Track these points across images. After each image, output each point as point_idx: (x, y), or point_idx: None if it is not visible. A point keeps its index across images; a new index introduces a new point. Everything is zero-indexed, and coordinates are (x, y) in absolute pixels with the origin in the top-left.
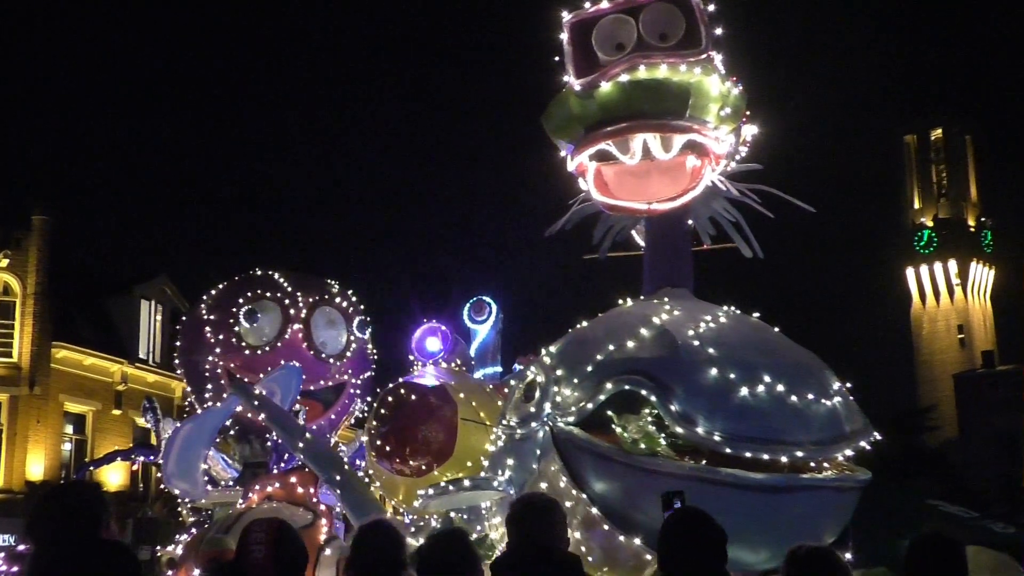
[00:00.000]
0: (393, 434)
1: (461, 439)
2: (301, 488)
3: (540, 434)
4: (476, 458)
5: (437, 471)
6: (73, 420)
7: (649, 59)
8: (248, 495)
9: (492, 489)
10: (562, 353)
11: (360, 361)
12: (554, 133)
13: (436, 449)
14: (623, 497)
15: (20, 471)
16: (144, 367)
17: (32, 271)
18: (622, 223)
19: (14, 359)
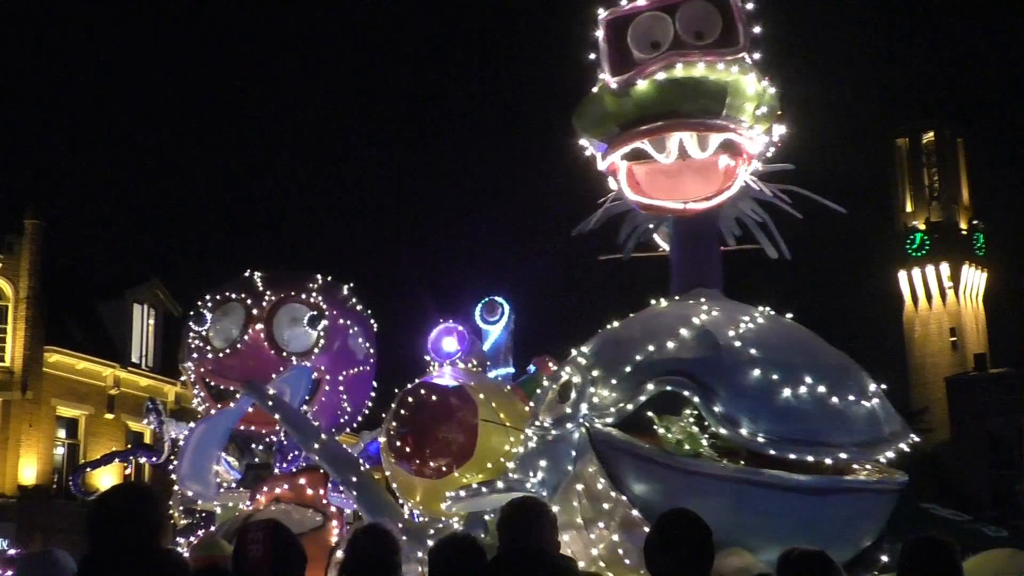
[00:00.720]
0: (413, 435)
1: (481, 440)
2: (311, 490)
3: (575, 435)
4: (496, 459)
5: (457, 472)
6: (65, 424)
7: (686, 57)
8: (255, 497)
9: (524, 491)
10: (598, 353)
11: (340, 357)
12: (586, 131)
13: (457, 450)
14: (664, 499)
15: (12, 475)
16: (136, 371)
17: (24, 275)
18: (647, 224)
19: (6, 363)
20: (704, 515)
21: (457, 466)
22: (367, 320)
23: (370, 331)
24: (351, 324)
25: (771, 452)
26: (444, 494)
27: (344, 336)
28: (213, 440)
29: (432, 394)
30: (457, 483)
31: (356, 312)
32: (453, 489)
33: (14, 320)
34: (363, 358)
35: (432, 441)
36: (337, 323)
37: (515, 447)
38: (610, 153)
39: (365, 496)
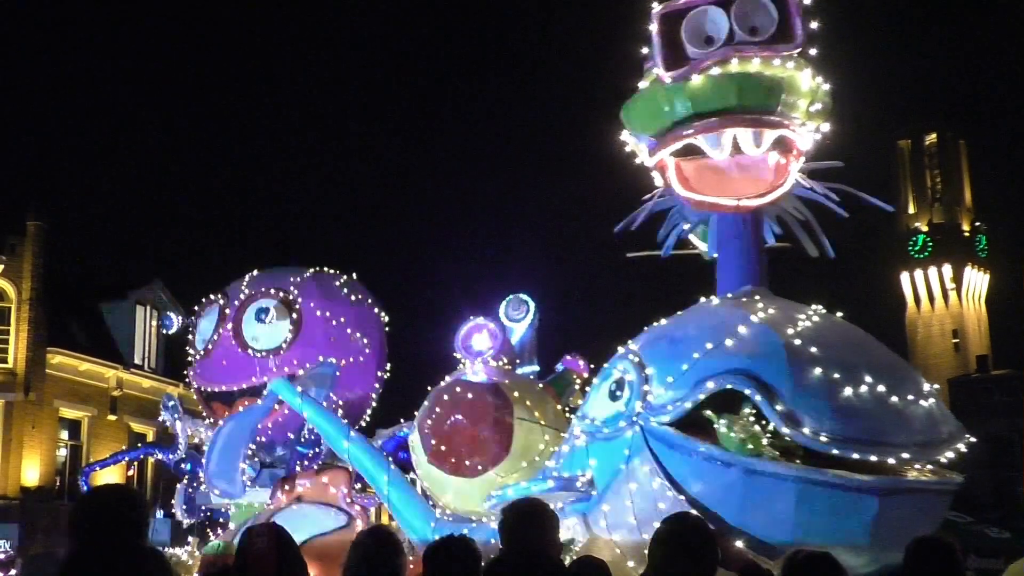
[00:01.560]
0: (449, 433)
1: (517, 439)
2: (333, 488)
3: (628, 433)
4: (531, 458)
5: (492, 471)
6: (68, 426)
7: (742, 52)
8: (276, 495)
9: (575, 490)
10: (652, 350)
11: (318, 349)
12: (636, 126)
13: (492, 449)
14: (723, 498)
15: (15, 477)
16: (139, 372)
17: (27, 277)
18: (688, 221)
19: (9, 365)
20: (765, 515)
21: (492, 465)
22: (364, 310)
23: (368, 322)
24: (335, 315)
25: (834, 452)
26: (477, 493)
27: (323, 328)
28: (240, 438)
29: (468, 392)
30: (492, 482)
31: (346, 303)
32: (488, 487)
33: (17, 321)
34: (355, 349)
35: (468, 440)
36: (314, 315)
37: (549, 446)
38: (660, 149)
39: (395, 495)
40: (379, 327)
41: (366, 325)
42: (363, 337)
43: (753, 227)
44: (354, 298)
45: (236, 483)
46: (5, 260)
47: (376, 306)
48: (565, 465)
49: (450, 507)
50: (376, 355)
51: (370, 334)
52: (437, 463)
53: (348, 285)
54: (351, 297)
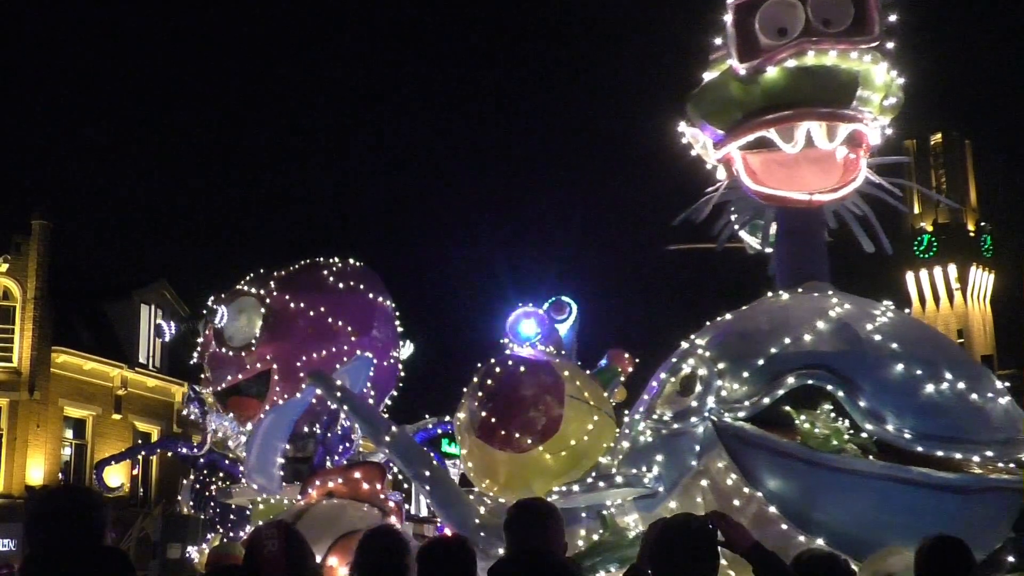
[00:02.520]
0: (500, 407)
1: (567, 417)
2: (367, 484)
3: (700, 429)
4: (580, 438)
5: (542, 448)
6: (73, 425)
7: (818, 45)
8: (307, 491)
9: (642, 486)
10: (723, 345)
11: (286, 343)
12: (706, 118)
13: (544, 424)
14: (803, 496)
15: (20, 476)
16: (144, 372)
17: (32, 276)
18: (741, 215)
19: (14, 364)
20: (846, 512)
21: (542, 441)
22: (353, 298)
23: (358, 309)
24: (313, 306)
25: (918, 449)
26: (526, 474)
27: (299, 321)
28: (278, 432)
29: (521, 364)
30: (540, 459)
31: (329, 292)
32: (536, 467)
33: (21, 320)
34: (339, 339)
35: (520, 412)
36: (287, 309)
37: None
38: (729, 141)
39: (438, 491)
40: (375, 313)
41: (354, 312)
42: (348, 325)
43: (814, 222)
44: (341, 285)
45: (274, 479)
46: (10, 259)
47: (373, 291)
48: (628, 462)
49: (494, 491)
50: (371, 343)
51: (359, 321)
52: (486, 437)
53: (338, 273)
54: (338, 285)
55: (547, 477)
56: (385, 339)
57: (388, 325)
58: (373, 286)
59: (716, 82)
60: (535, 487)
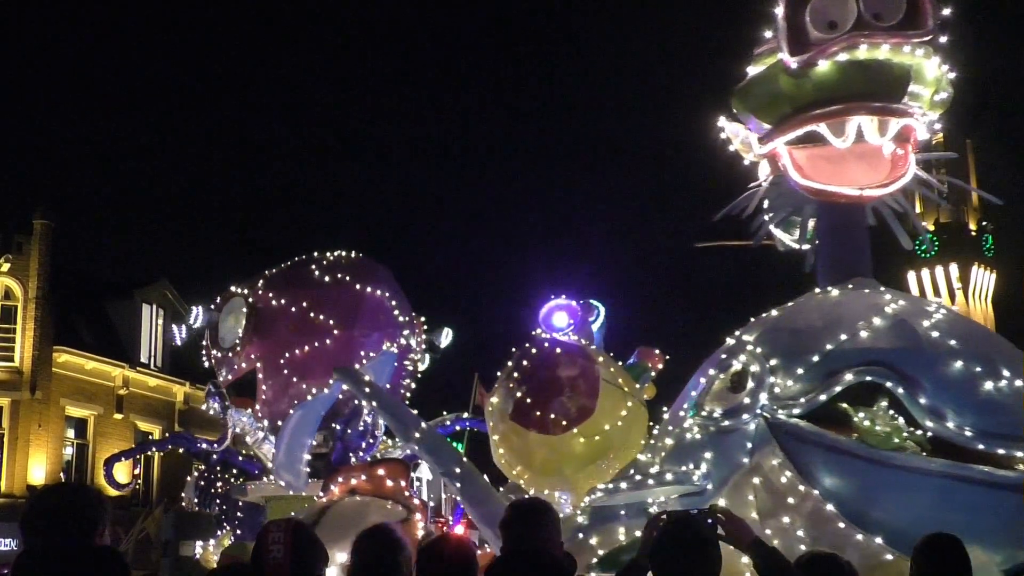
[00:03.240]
0: (537, 387)
1: (602, 400)
2: (391, 481)
3: (751, 426)
4: (614, 423)
5: (576, 430)
6: (74, 424)
7: (871, 38)
8: (329, 488)
9: (691, 483)
10: (775, 342)
11: (268, 341)
12: (753, 111)
13: (580, 406)
14: (861, 494)
15: (22, 475)
16: (145, 371)
17: (33, 275)
18: (783, 211)
19: (15, 363)
20: (906, 511)
21: (577, 423)
22: (338, 290)
23: (342, 301)
24: (295, 302)
25: (979, 447)
26: (558, 457)
27: (281, 318)
28: (305, 429)
29: (558, 346)
30: (574, 442)
31: (313, 287)
32: (570, 452)
33: (23, 320)
34: (320, 332)
35: (556, 393)
36: (270, 308)
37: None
38: (776, 136)
39: (469, 488)
40: (361, 304)
41: (337, 306)
42: (331, 319)
43: (857, 218)
44: (327, 279)
45: (300, 475)
46: (12, 259)
47: (361, 282)
48: (674, 459)
49: (524, 479)
50: (359, 331)
51: (341, 314)
52: (521, 419)
53: (327, 266)
54: (324, 279)
55: (579, 462)
56: (371, 329)
57: (379, 315)
58: (363, 276)
59: (764, 76)
60: (566, 471)
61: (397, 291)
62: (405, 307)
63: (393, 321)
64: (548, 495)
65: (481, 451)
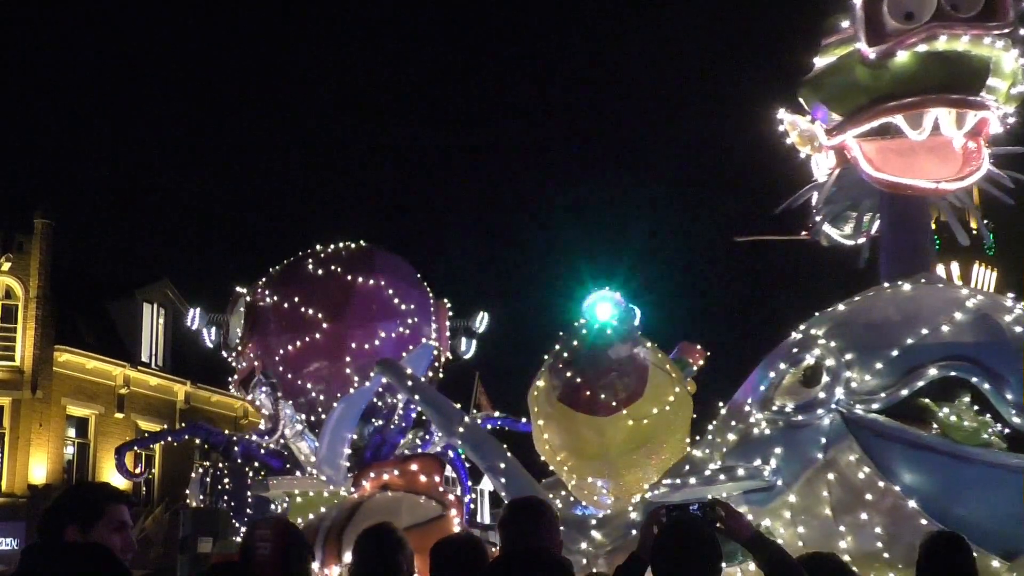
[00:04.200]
0: (588, 365)
1: (651, 383)
2: (424, 477)
3: (826, 421)
4: (662, 407)
5: (626, 411)
6: (75, 424)
7: (950, 30)
8: (360, 484)
9: (763, 479)
10: (849, 336)
11: (265, 338)
12: (826, 102)
13: (630, 386)
14: (944, 490)
15: (23, 475)
16: (147, 370)
17: (34, 274)
18: (841, 205)
19: (16, 363)
20: (991, 508)
21: (626, 404)
22: (329, 283)
23: (329, 298)
24: (287, 298)
25: None
26: (605, 439)
27: (273, 315)
28: (346, 423)
29: (608, 329)
30: (622, 424)
31: (303, 282)
32: (620, 436)
33: (24, 319)
34: (309, 326)
35: (607, 372)
36: (265, 305)
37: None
38: (850, 127)
39: (514, 483)
40: (352, 295)
41: (326, 299)
42: (319, 312)
43: (921, 212)
44: (320, 272)
45: (341, 470)
46: (12, 258)
47: (353, 272)
48: (739, 454)
49: (568, 467)
50: (349, 323)
51: (330, 307)
52: (570, 400)
53: (322, 259)
54: (317, 272)
55: (625, 446)
56: (373, 319)
57: (372, 304)
58: (355, 267)
59: (838, 66)
60: (612, 455)
61: (400, 278)
62: (412, 294)
63: (391, 310)
64: (590, 483)
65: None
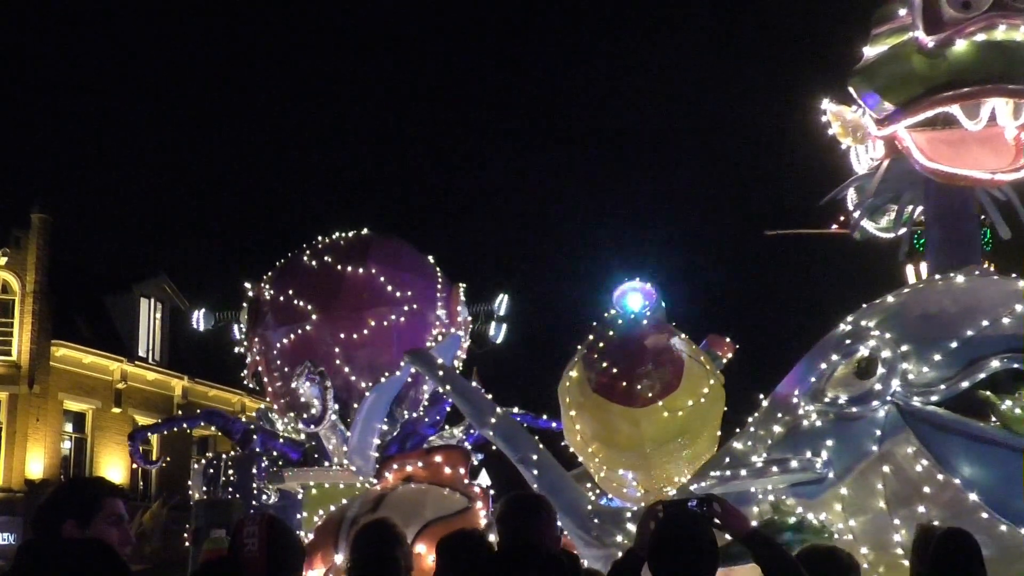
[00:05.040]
0: (624, 358)
1: (687, 374)
2: (449, 468)
3: (881, 413)
4: (697, 399)
5: (662, 403)
6: (73, 418)
7: (1009, 19)
8: (383, 475)
9: (815, 471)
10: (905, 327)
11: (266, 331)
12: (880, 92)
13: (666, 378)
14: (1006, 483)
15: (20, 470)
16: (144, 365)
17: (31, 269)
18: (882, 198)
19: (13, 357)
20: None
21: (663, 395)
22: (318, 275)
23: (317, 289)
24: (282, 291)
25: None
26: (640, 431)
27: (270, 307)
28: (376, 413)
29: (644, 319)
30: (658, 416)
31: (295, 274)
32: (656, 429)
33: (21, 314)
34: (300, 317)
35: (643, 363)
36: (265, 298)
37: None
38: (904, 117)
39: (547, 476)
40: (341, 285)
41: (314, 290)
42: (309, 304)
43: (968, 205)
44: (314, 263)
45: (370, 460)
46: (9, 252)
47: (343, 262)
48: (786, 447)
49: (597, 459)
50: (337, 313)
51: (318, 298)
52: (605, 392)
53: (317, 251)
54: (311, 264)
55: (660, 438)
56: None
57: (363, 293)
58: (347, 256)
59: (893, 55)
60: (646, 447)
61: (395, 265)
62: (410, 280)
63: (382, 298)
64: (619, 475)
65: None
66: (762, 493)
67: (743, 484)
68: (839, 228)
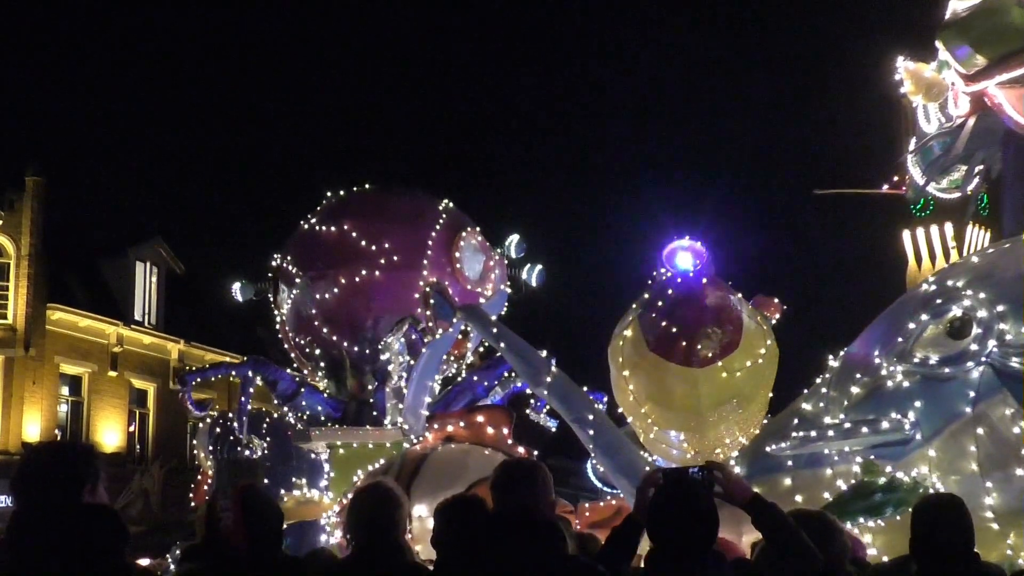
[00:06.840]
0: (685, 316)
1: (746, 334)
2: (491, 428)
3: (975, 374)
4: (756, 360)
5: (721, 363)
6: (69, 382)
7: None
8: (423, 435)
9: (903, 433)
10: (999, 288)
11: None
12: (974, 46)
13: (726, 337)
14: None
15: (16, 433)
16: (139, 329)
17: (26, 233)
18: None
19: (9, 321)
20: None
21: (723, 355)
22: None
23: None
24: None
25: None
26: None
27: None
28: (429, 372)
29: (703, 277)
30: (716, 376)
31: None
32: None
33: (16, 277)
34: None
35: (704, 323)
36: (276, 262)
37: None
38: (999, 72)
39: (603, 437)
40: (333, 247)
41: (308, 253)
42: (302, 269)
43: None
44: (305, 227)
45: (420, 419)
46: (4, 216)
47: (337, 223)
48: (869, 407)
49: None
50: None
51: (308, 262)
52: (664, 351)
53: (320, 211)
54: (303, 227)
55: (717, 398)
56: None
57: (335, 251)
58: (325, 215)
59: (989, 8)
60: (703, 408)
61: (374, 218)
62: (391, 232)
63: (353, 254)
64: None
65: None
66: (838, 455)
67: (829, 444)
68: (890, 188)
